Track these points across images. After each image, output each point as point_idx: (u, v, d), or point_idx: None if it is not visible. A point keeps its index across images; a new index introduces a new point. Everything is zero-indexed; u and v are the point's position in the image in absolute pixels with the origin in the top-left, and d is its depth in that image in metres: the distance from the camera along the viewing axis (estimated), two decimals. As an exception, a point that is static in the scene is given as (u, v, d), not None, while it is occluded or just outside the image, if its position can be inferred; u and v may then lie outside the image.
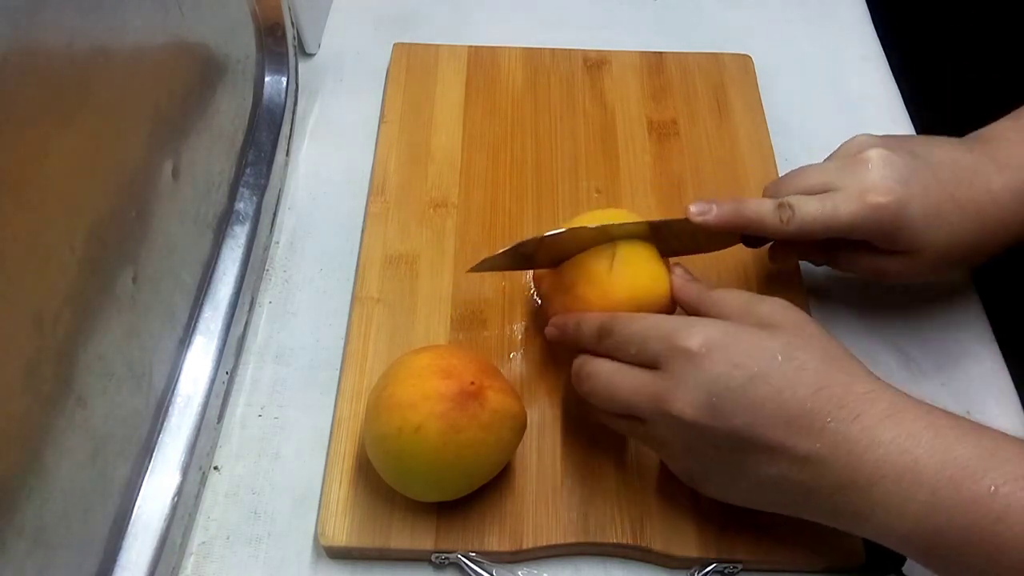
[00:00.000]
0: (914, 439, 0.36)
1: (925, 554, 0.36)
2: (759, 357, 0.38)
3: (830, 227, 0.45)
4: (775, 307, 0.41)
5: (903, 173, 0.45)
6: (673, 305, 0.46)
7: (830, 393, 0.37)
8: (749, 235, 0.48)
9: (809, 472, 0.37)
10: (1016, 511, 0.33)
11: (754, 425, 0.38)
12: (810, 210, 0.45)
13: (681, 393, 0.39)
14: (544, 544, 0.45)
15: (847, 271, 0.50)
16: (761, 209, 0.46)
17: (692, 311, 0.44)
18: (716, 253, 0.50)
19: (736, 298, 0.43)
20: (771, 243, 0.50)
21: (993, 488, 0.34)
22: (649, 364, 0.41)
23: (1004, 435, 0.36)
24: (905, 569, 0.45)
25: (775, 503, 0.40)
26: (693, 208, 0.46)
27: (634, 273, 0.46)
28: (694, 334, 0.39)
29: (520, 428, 0.44)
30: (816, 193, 0.46)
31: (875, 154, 0.45)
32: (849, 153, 0.47)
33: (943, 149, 0.47)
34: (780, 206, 0.45)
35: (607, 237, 0.46)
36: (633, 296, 0.45)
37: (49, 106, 0.35)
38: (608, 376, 0.42)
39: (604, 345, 0.43)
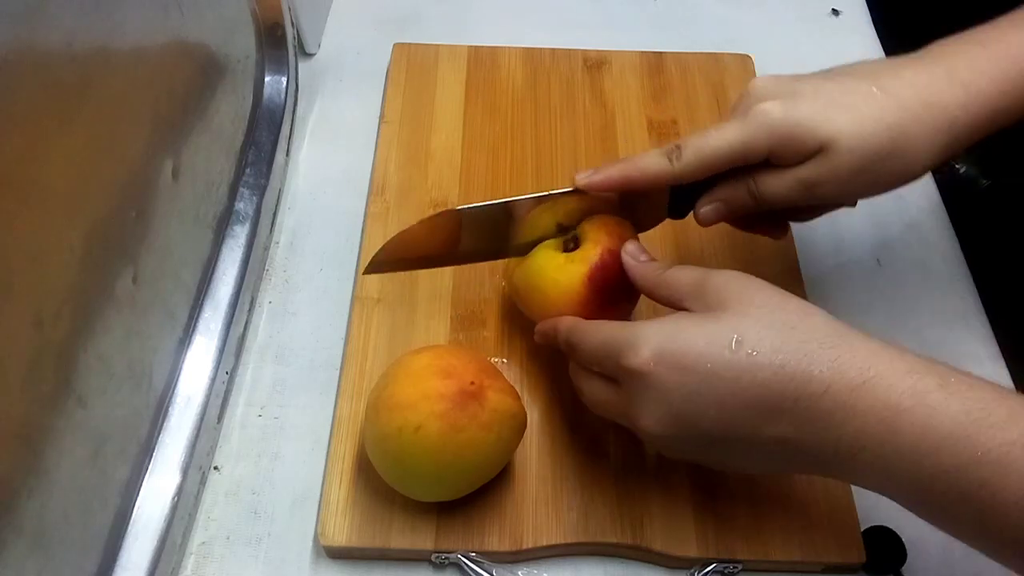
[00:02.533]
0: (893, 408, 0.34)
1: (917, 510, 0.36)
2: (709, 353, 0.37)
3: (719, 151, 0.42)
4: (725, 281, 0.39)
5: (790, 79, 0.43)
6: (611, 282, 0.45)
7: (792, 370, 0.36)
8: (672, 203, 0.46)
9: (790, 448, 0.37)
10: (1001, 476, 0.32)
11: (721, 423, 0.37)
12: (696, 142, 0.43)
13: (643, 412, 0.38)
14: (544, 544, 0.45)
15: (776, 202, 0.44)
16: (647, 159, 0.44)
17: (647, 293, 0.43)
18: (713, 251, 0.50)
19: (688, 277, 0.41)
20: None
21: (980, 454, 0.32)
22: (612, 377, 0.41)
23: (996, 393, 0.34)
24: (905, 569, 0.45)
25: (775, 470, 0.41)
26: (578, 176, 0.45)
27: (538, 271, 0.46)
28: (639, 351, 0.38)
29: (520, 428, 0.44)
30: None
31: (758, 79, 0.44)
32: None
33: (851, 64, 0.45)
34: (667, 150, 0.43)
35: (505, 215, 0.46)
36: (549, 298, 0.46)
37: (49, 106, 0.35)
38: (588, 391, 0.42)
39: (576, 358, 0.43)
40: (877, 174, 0.42)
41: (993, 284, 0.57)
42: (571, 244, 0.47)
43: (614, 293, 0.45)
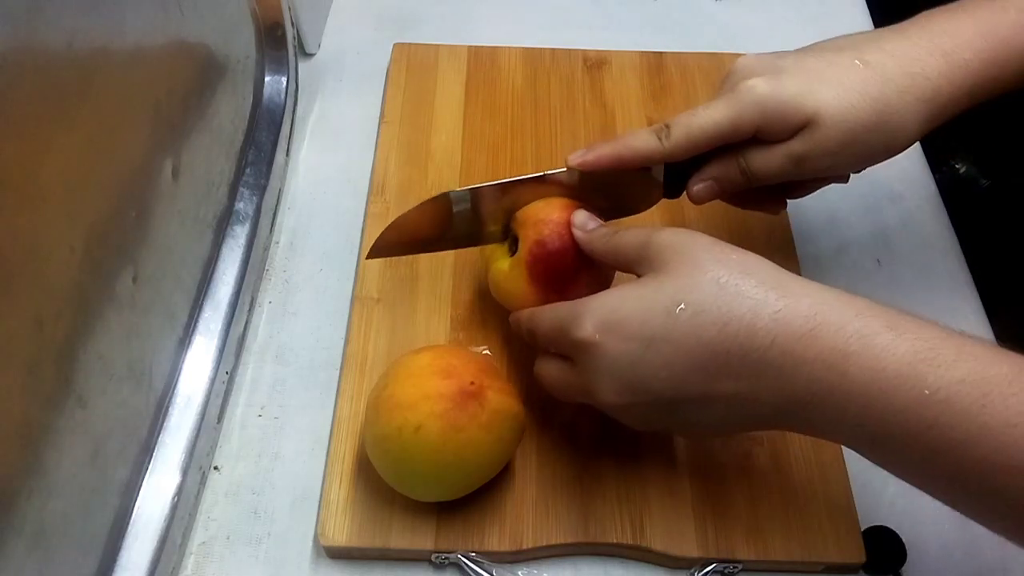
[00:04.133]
0: (839, 352, 0.34)
1: (872, 456, 0.36)
2: (651, 320, 0.37)
3: (707, 128, 0.43)
4: (668, 242, 0.39)
5: (774, 56, 0.44)
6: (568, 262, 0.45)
7: (736, 327, 0.36)
8: (667, 183, 0.47)
9: (746, 404, 0.37)
10: (948, 416, 0.32)
11: (673, 386, 0.37)
12: (685, 120, 0.44)
13: (596, 384, 0.39)
14: (544, 544, 0.45)
15: (768, 178, 0.45)
16: (637, 137, 0.45)
17: (601, 261, 0.44)
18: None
19: (633, 240, 0.41)
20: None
21: (927, 393, 0.33)
22: (567, 357, 0.41)
23: (944, 333, 0.34)
24: (905, 569, 0.46)
25: (741, 429, 0.40)
26: (570, 157, 0.45)
27: (495, 285, 0.48)
28: (583, 323, 0.39)
29: (520, 428, 0.44)
30: None
31: (743, 58, 0.45)
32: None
33: (834, 38, 0.46)
34: (656, 129, 0.44)
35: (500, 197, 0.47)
36: (514, 306, 0.47)
37: (49, 106, 0.35)
38: (548, 375, 0.43)
39: (536, 344, 0.44)
40: (864, 146, 0.43)
41: (993, 284, 0.57)
42: (513, 246, 0.48)
43: (564, 274, 0.45)
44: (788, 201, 0.50)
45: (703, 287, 0.37)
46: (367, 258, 0.50)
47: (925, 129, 0.43)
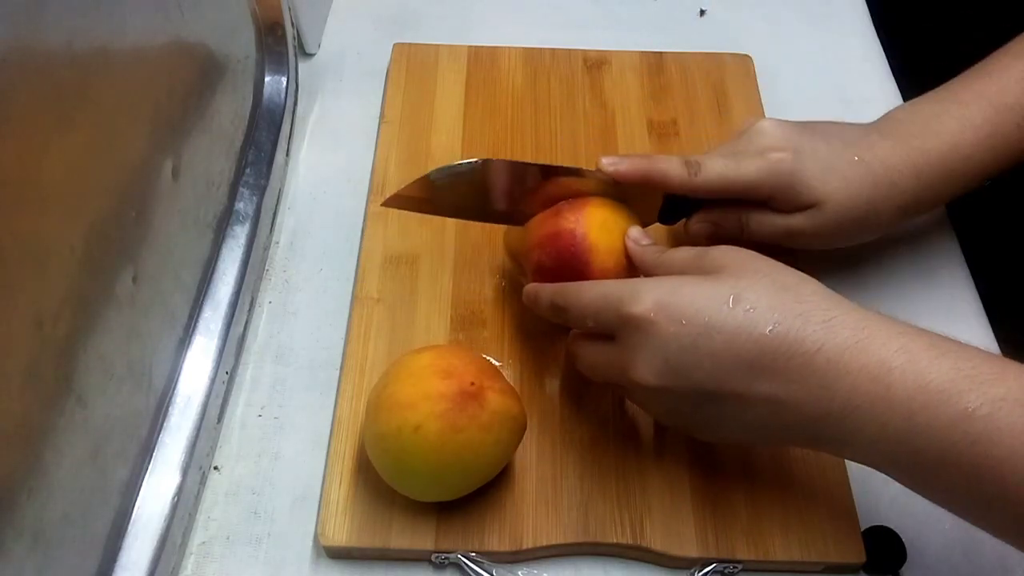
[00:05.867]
0: (884, 366, 0.35)
1: (908, 477, 0.37)
2: (707, 308, 0.38)
3: (733, 182, 0.47)
4: (721, 251, 0.42)
5: (795, 132, 0.48)
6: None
7: (787, 328, 0.37)
8: (665, 210, 0.50)
9: (783, 410, 0.37)
10: (993, 433, 0.33)
11: (716, 377, 0.38)
12: (715, 166, 0.47)
13: (639, 362, 0.39)
14: (544, 544, 0.45)
15: (761, 238, 0.49)
16: (670, 164, 0.47)
17: (648, 274, 0.45)
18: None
19: (685, 253, 0.43)
20: (685, 220, 0.51)
21: (970, 410, 0.33)
22: (608, 334, 0.42)
23: (985, 354, 0.35)
24: (905, 569, 0.45)
25: (764, 440, 0.41)
26: (605, 160, 0.47)
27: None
28: (640, 299, 0.39)
29: (520, 429, 0.44)
30: None
31: (767, 123, 0.49)
32: (744, 130, 0.50)
33: (834, 124, 0.50)
34: (687, 162, 0.47)
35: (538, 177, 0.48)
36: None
37: (49, 106, 0.35)
38: (584, 353, 0.44)
39: (564, 320, 0.44)
40: (848, 233, 0.49)
41: (993, 284, 0.57)
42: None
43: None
44: None
45: (760, 286, 0.39)
46: (382, 204, 0.50)
47: (896, 223, 0.50)
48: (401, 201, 0.50)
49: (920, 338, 0.36)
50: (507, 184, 0.49)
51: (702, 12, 0.72)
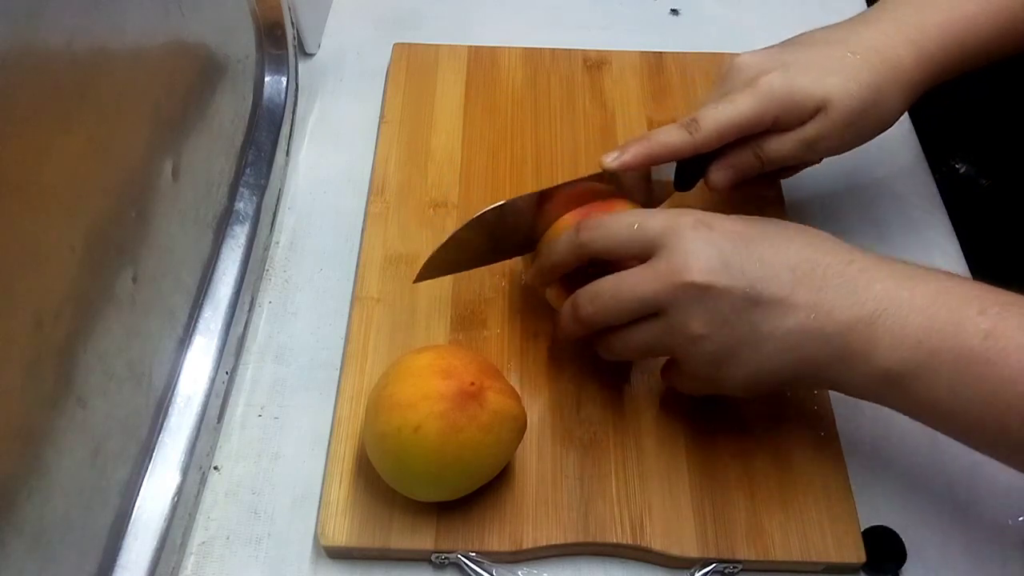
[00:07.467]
0: (908, 274, 0.40)
1: (923, 382, 0.39)
2: (753, 224, 0.42)
3: (735, 121, 0.47)
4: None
5: (776, 51, 0.49)
6: None
7: (824, 244, 0.42)
8: (679, 176, 0.50)
9: (820, 318, 0.40)
10: (1002, 329, 0.37)
11: (765, 279, 0.40)
12: (712, 114, 0.47)
13: (693, 260, 0.41)
14: (544, 544, 0.45)
15: (781, 162, 0.50)
16: (669, 134, 0.48)
17: None
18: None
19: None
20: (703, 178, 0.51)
21: (982, 310, 0.38)
22: (644, 253, 0.42)
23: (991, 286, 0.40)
24: (905, 569, 0.46)
25: (796, 365, 0.41)
26: (606, 157, 0.48)
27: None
28: (687, 214, 0.42)
29: (520, 429, 0.44)
30: None
31: (744, 55, 0.49)
32: (724, 72, 0.50)
33: (814, 31, 0.51)
34: (685, 124, 0.48)
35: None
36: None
37: (49, 106, 0.35)
38: (611, 286, 0.43)
39: (588, 252, 0.44)
40: (861, 126, 0.49)
41: (993, 284, 0.57)
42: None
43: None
44: (787, 201, 0.52)
45: (797, 226, 0.43)
46: (414, 282, 0.49)
47: (905, 108, 0.50)
48: (432, 269, 0.49)
49: (941, 270, 0.41)
50: (527, 216, 0.48)
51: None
